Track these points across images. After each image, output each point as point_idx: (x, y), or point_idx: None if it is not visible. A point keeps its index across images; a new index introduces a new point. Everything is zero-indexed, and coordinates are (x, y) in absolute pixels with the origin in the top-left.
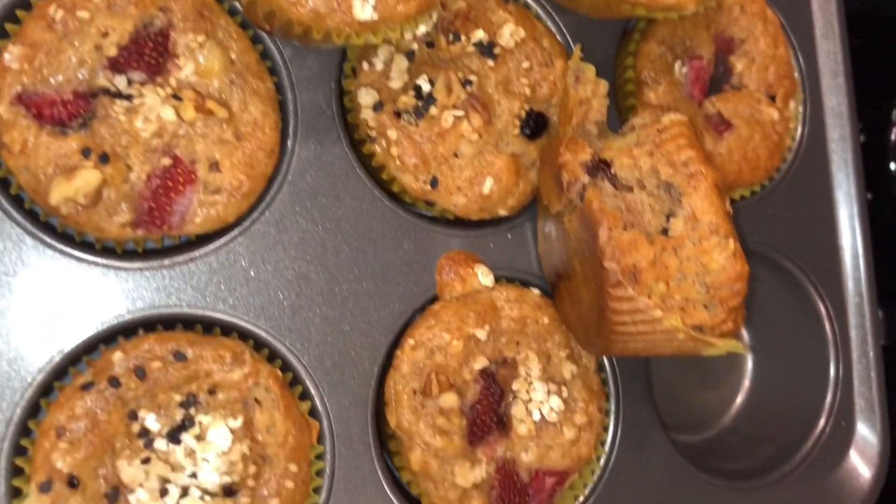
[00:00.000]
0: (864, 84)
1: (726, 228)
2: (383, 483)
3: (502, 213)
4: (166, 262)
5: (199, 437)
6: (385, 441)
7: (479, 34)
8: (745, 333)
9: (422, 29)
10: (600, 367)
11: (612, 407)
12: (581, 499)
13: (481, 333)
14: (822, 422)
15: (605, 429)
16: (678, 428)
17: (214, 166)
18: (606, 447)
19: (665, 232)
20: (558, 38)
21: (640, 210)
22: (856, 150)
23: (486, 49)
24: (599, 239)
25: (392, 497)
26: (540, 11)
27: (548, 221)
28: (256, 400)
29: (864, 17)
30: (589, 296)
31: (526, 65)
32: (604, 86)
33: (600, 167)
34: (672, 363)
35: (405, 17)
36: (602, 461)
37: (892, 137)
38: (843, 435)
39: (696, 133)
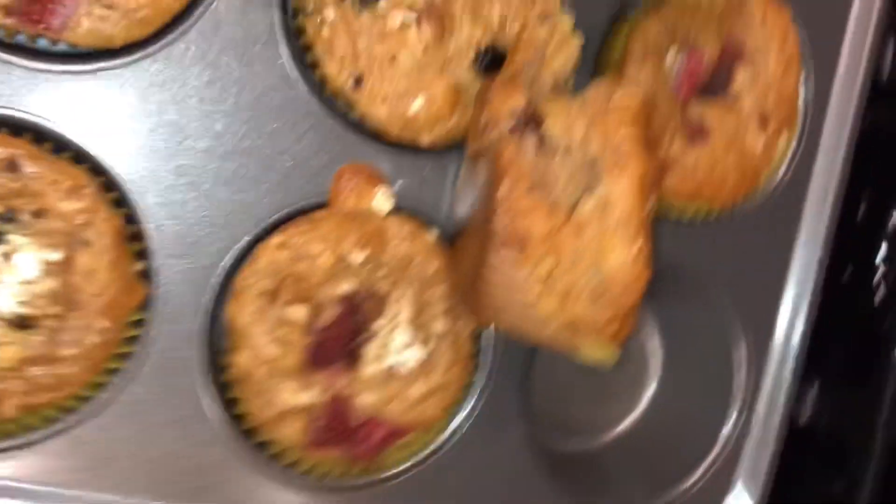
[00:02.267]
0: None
1: (637, 225)
2: (197, 370)
3: (425, 140)
4: (38, 65)
5: (6, 256)
6: (221, 332)
7: None
8: (653, 357)
9: None
10: (478, 337)
11: (480, 382)
12: (417, 459)
13: (358, 257)
14: (698, 473)
15: (464, 400)
16: (550, 428)
17: None
18: (460, 419)
19: (573, 209)
20: None
21: (555, 178)
22: (833, 217)
23: None
24: (498, 192)
25: (202, 386)
26: None
27: (468, 162)
28: (85, 241)
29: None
30: (474, 250)
31: None
32: (574, 44)
33: (531, 120)
34: (566, 368)
35: None
36: (450, 430)
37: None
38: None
39: (648, 117)
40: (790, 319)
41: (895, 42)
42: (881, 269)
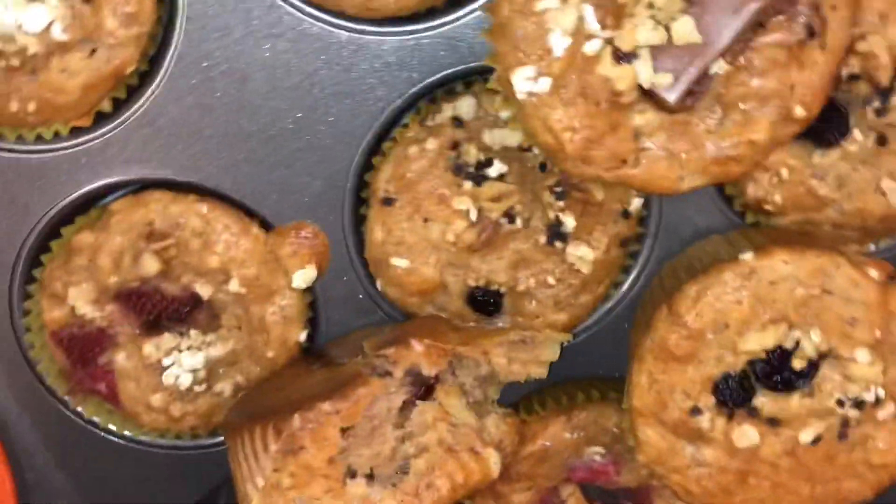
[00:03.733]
0: None
1: None
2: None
3: (379, 286)
4: None
5: None
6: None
7: (569, 221)
8: None
9: None
10: None
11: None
12: None
13: (235, 286)
14: None
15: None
16: None
17: None
18: None
19: (350, 476)
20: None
21: (376, 440)
22: None
23: (553, 233)
24: (327, 402)
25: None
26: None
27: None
28: None
29: None
30: (291, 394)
31: (551, 277)
32: (538, 371)
33: (422, 388)
34: None
35: None
36: None
37: None
38: None
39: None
40: None
41: None
42: None
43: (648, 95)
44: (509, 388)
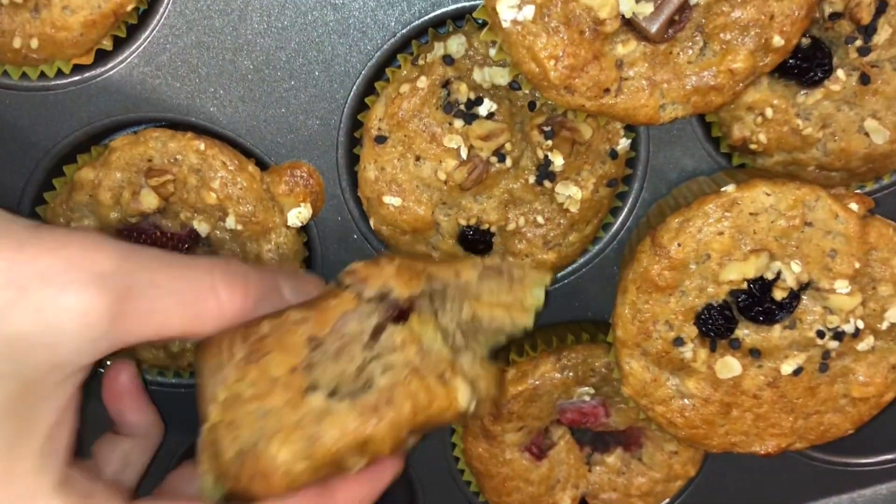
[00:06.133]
0: None
1: (317, 456)
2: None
3: (373, 223)
4: None
5: None
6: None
7: (557, 160)
8: None
9: (539, 95)
10: None
11: None
12: None
13: (232, 223)
14: None
15: None
16: None
17: None
18: None
19: (310, 390)
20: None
21: (343, 358)
22: None
23: (541, 172)
24: (290, 314)
25: None
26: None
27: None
28: None
29: None
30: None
31: (540, 217)
32: (522, 318)
33: (394, 311)
34: None
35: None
36: None
37: None
38: None
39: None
40: None
41: None
42: None
43: (631, 25)
44: None
